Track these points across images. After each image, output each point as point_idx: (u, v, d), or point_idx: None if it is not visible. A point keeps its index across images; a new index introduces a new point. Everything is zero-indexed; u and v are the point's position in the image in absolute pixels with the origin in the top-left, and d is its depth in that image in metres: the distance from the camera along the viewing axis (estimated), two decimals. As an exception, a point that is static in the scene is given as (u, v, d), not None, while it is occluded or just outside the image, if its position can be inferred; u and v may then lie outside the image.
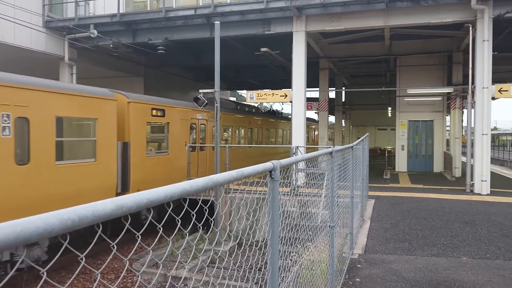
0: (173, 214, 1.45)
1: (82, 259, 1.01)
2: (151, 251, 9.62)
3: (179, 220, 1.50)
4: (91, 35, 14.91)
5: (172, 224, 1.58)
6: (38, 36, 14.94)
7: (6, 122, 7.65)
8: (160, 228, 1.30)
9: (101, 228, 1.03)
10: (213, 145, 12.59)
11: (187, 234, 1.71)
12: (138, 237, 1.21)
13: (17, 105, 7.86)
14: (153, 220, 1.48)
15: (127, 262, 1.39)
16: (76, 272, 1.23)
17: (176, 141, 13.31)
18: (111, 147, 10.40)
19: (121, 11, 15.12)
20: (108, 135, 10.30)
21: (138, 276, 1.50)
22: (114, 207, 1.04)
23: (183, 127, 13.90)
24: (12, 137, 7.79)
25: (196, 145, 14.43)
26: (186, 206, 1.53)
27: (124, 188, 10.89)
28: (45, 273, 0.87)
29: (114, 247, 1.14)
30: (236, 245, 9.44)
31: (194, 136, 14.78)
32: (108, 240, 1.17)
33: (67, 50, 15.87)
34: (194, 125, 14.73)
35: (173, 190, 1.28)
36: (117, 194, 10.50)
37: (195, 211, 1.68)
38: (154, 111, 12.23)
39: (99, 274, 1.12)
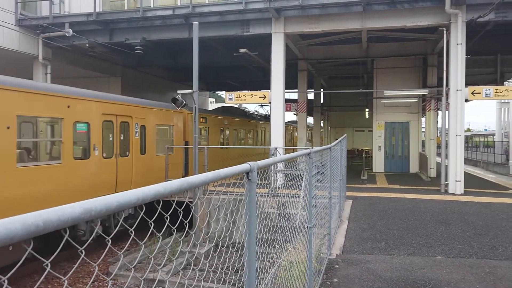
0: (146, 217, 1.41)
1: (47, 265, 0.97)
2: (122, 256, 9.56)
3: (152, 223, 1.46)
4: (66, 34, 14.60)
5: (153, 225, 1.55)
6: (10, 34, 14.52)
7: (137, 128, 12.30)
8: (131, 232, 1.27)
9: (68, 233, 0.99)
10: (218, 146, 16.51)
11: (160, 237, 1.67)
12: (108, 241, 1.18)
13: (141, 117, 12.49)
14: (125, 224, 1.44)
15: (96, 267, 1.35)
16: (40, 280, 1.18)
17: (213, 140, 18.05)
18: (180, 145, 14.74)
19: (97, 10, 14.85)
20: (179, 136, 14.79)
21: (108, 282, 1.45)
22: (82, 211, 1.00)
23: (216, 130, 18.67)
24: (139, 138, 12.34)
25: (218, 146, 18.28)
26: (159, 209, 1.50)
27: (185, 174, 14.56)
28: (5, 281, 0.83)
29: (82, 252, 1.10)
30: (213, 247, 9.37)
31: (222, 137, 19.35)
32: (76, 246, 1.13)
33: (41, 49, 15.48)
34: (222, 129, 19.53)
35: (146, 193, 1.24)
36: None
37: (169, 213, 1.64)
38: (201, 119, 16.05)
39: (65, 281, 1.08)
